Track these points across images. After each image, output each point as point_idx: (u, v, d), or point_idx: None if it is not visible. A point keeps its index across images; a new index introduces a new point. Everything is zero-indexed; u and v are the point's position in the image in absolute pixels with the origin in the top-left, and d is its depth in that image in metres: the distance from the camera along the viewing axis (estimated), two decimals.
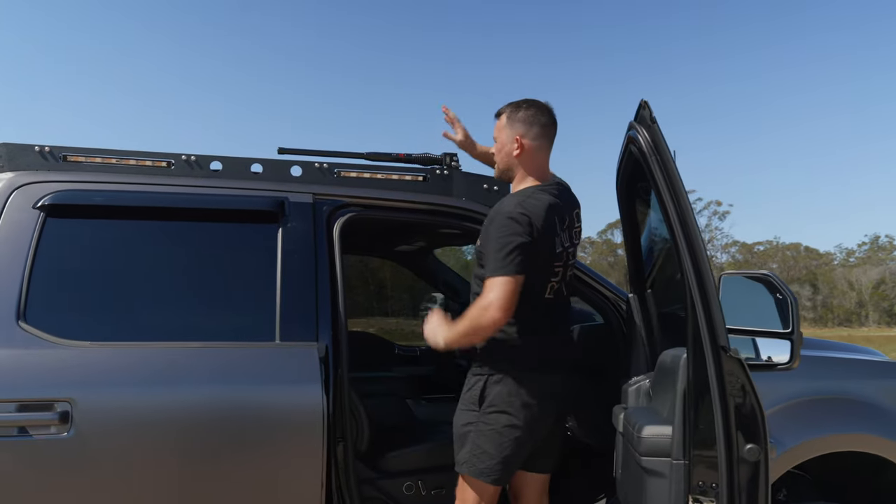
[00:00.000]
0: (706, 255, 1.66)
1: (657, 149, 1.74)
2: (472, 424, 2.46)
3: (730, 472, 1.63)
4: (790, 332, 2.28)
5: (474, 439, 2.44)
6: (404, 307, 5.95)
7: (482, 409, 2.44)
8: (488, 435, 2.41)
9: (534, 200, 2.42)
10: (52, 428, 2.23)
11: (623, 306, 2.96)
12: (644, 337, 2.68)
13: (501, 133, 2.59)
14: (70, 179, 2.57)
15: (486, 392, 2.44)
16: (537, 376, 2.42)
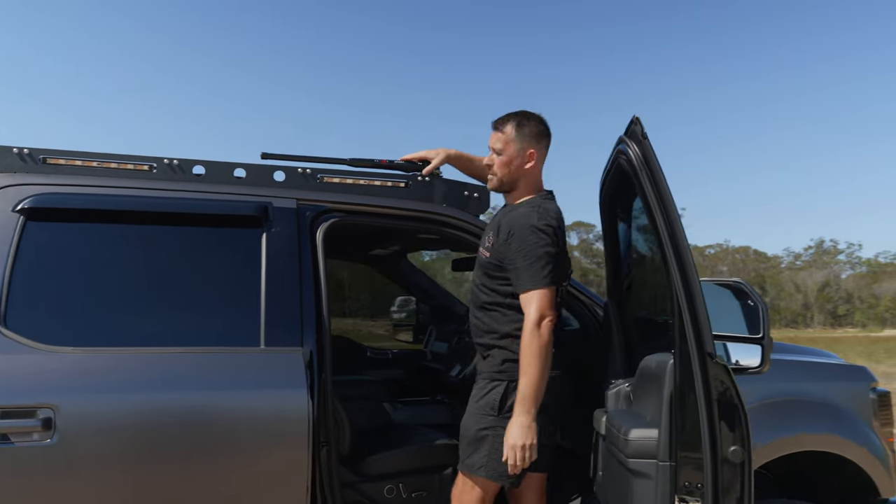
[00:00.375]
0: (694, 266, 1.74)
1: (647, 163, 1.81)
2: (490, 429, 2.47)
3: (714, 473, 1.71)
4: (761, 338, 2.39)
5: (493, 443, 2.46)
6: (362, 307, 5.97)
7: (502, 413, 2.46)
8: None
9: (550, 210, 2.50)
10: (35, 435, 2.20)
11: (599, 311, 3.04)
12: (621, 342, 2.76)
13: (510, 146, 2.60)
14: (50, 182, 2.54)
15: (507, 398, 2.46)
16: (552, 378, 2.46)
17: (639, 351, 2.78)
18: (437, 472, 2.99)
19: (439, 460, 3.01)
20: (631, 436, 1.93)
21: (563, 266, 2.52)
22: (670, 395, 1.85)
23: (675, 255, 1.78)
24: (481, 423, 2.51)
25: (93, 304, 2.50)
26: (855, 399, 3.18)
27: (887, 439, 3.19)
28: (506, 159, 2.61)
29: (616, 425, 2.09)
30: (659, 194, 1.80)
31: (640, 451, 1.91)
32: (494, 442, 2.46)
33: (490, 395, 2.52)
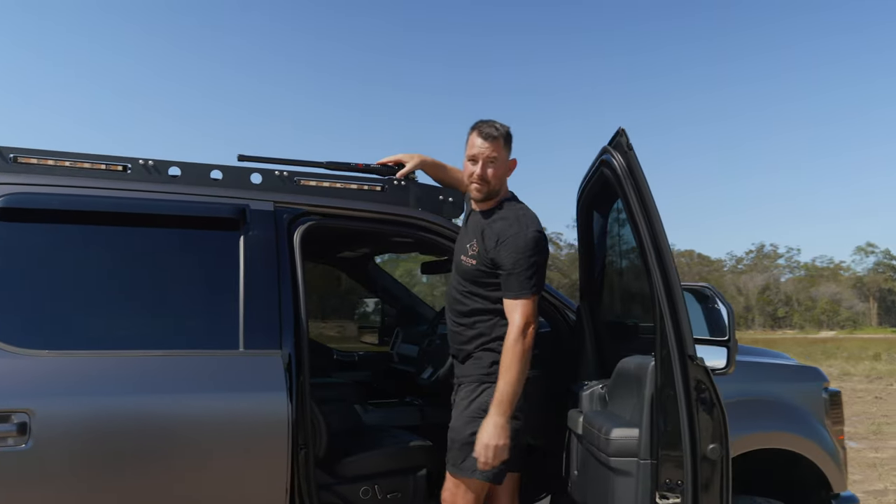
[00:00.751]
0: (676, 273, 1.82)
1: (632, 173, 1.88)
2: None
3: (694, 470, 1.79)
4: (727, 340, 2.49)
5: None
6: (326, 309, 5.96)
7: None
8: None
9: (532, 216, 2.56)
10: (10, 440, 2.16)
11: (568, 314, 3.12)
12: (593, 344, 2.84)
13: (502, 153, 2.63)
14: (21, 182, 2.49)
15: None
16: (536, 379, 2.56)
17: (610, 353, 2.87)
18: (412, 473, 3.02)
19: (414, 462, 3.05)
20: (612, 435, 2.00)
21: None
22: (651, 395, 1.93)
23: (657, 261, 1.86)
24: (474, 427, 2.50)
25: (68, 307, 2.46)
26: (809, 398, 3.31)
27: (838, 437, 3.35)
28: (502, 170, 2.63)
29: (595, 425, 2.16)
30: (643, 203, 1.88)
31: (622, 450, 1.98)
32: None
33: (481, 398, 2.54)
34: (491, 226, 2.58)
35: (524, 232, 2.48)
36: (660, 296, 1.86)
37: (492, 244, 2.53)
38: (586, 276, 2.84)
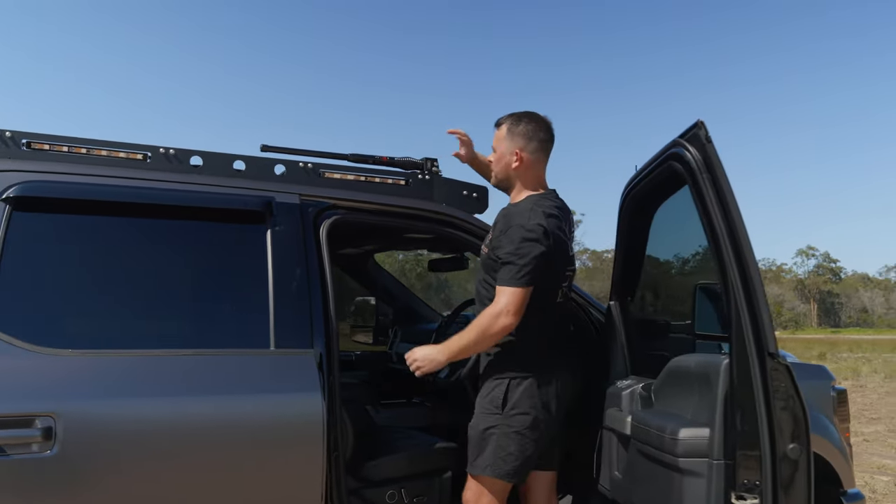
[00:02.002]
0: (757, 270, 1.79)
1: (710, 167, 1.84)
2: (496, 427, 2.48)
3: (773, 470, 1.76)
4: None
5: (498, 441, 2.47)
6: None
7: (505, 411, 2.48)
8: (513, 437, 2.46)
9: (544, 210, 2.49)
10: (34, 446, 2.01)
11: (593, 312, 3.08)
12: (624, 343, 2.80)
13: (501, 144, 2.64)
14: (35, 169, 2.32)
15: (509, 395, 2.48)
16: (555, 376, 2.51)
17: (642, 352, 2.84)
18: (437, 475, 2.94)
19: (439, 464, 2.97)
20: (681, 435, 1.96)
21: (555, 267, 2.50)
22: (725, 394, 1.89)
23: (735, 257, 1.82)
24: (487, 423, 2.51)
25: (92, 303, 2.31)
26: (818, 396, 3.34)
27: (844, 434, 3.39)
28: (497, 156, 2.66)
29: (653, 425, 2.11)
30: (720, 198, 1.84)
31: (692, 451, 1.94)
32: (500, 440, 2.47)
33: (493, 393, 2.53)
34: (506, 216, 2.55)
35: (527, 223, 2.44)
36: (737, 293, 1.82)
37: (498, 233, 2.51)
38: (622, 275, 2.80)
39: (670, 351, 2.99)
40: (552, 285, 2.51)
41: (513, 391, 2.48)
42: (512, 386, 2.49)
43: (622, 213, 2.65)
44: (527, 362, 2.51)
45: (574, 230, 2.68)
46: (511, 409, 2.48)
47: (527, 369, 2.50)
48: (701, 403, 2.03)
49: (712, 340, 2.79)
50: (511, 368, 2.51)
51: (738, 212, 1.80)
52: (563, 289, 2.60)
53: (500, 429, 2.47)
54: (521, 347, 2.49)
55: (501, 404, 2.49)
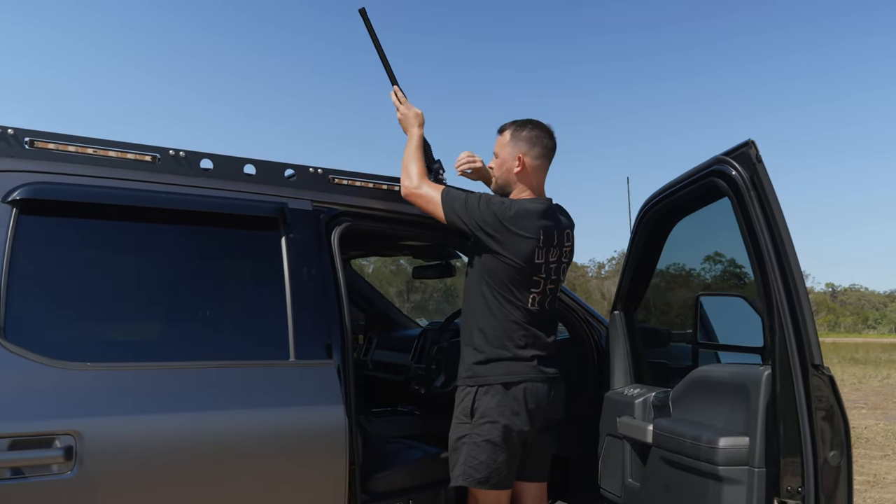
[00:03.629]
0: (804, 286, 1.86)
1: (758, 186, 1.91)
2: (466, 437, 2.52)
3: (816, 477, 1.84)
4: (763, 347, 2.59)
5: (468, 450, 2.51)
6: None
7: (474, 420, 2.51)
8: (482, 445, 2.49)
9: (520, 207, 2.54)
10: (54, 467, 1.88)
11: (590, 319, 3.14)
12: (628, 351, 2.87)
13: (504, 149, 2.68)
14: (41, 170, 2.18)
15: (477, 404, 2.52)
16: (524, 385, 2.53)
17: (644, 360, 2.91)
18: (443, 485, 2.92)
19: (444, 474, 2.93)
20: (721, 444, 2.02)
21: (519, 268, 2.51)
22: (766, 404, 1.96)
23: (780, 273, 1.89)
24: (459, 432, 2.56)
25: (105, 314, 2.19)
26: None
27: None
28: (499, 161, 2.70)
29: (688, 435, 2.17)
30: (766, 216, 1.91)
31: (732, 459, 2.00)
32: (470, 449, 2.50)
33: (464, 402, 2.57)
34: None
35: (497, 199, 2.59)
36: (781, 307, 1.89)
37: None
38: (630, 284, 2.86)
39: (671, 360, 3.08)
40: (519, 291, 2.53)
41: (480, 400, 2.52)
42: (479, 394, 2.52)
43: (640, 226, 2.71)
44: (494, 370, 2.53)
45: (569, 242, 2.67)
46: (479, 419, 2.50)
47: (494, 377, 2.52)
48: (734, 413, 2.10)
49: (713, 350, 2.89)
50: (478, 376, 2.54)
51: (787, 229, 1.88)
52: (536, 296, 2.58)
53: (471, 437, 2.51)
54: (488, 356, 2.53)
55: (470, 413, 2.52)
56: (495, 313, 2.52)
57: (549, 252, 2.55)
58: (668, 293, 3.27)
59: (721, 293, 2.93)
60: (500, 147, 2.70)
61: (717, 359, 2.92)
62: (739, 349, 2.72)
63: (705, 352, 2.90)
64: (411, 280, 20.78)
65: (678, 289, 3.22)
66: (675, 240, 2.77)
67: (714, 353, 2.94)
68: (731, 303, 2.90)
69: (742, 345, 2.71)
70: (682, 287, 3.18)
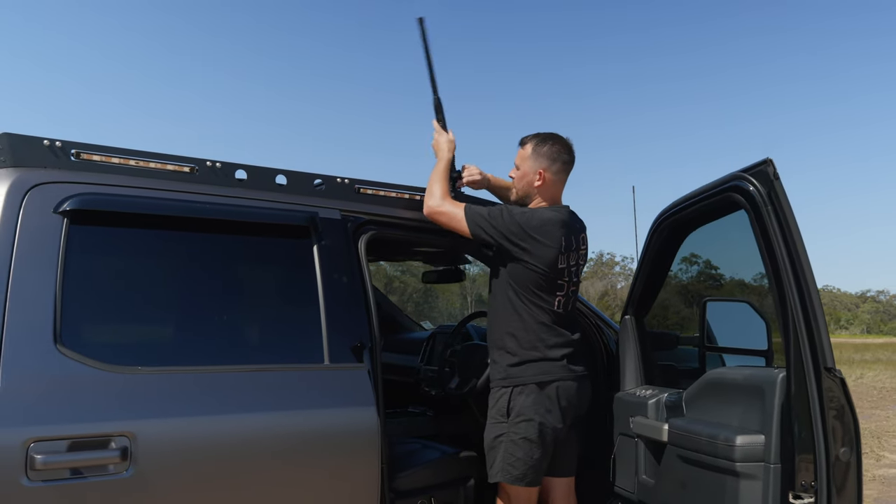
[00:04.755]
0: (818, 295, 2.01)
1: (775, 202, 2.06)
2: (504, 435, 2.64)
3: (828, 472, 1.99)
4: (767, 350, 2.74)
5: (506, 448, 2.63)
6: None
7: (510, 419, 2.64)
8: (519, 443, 2.62)
9: (541, 216, 2.69)
10: (111, 467, 1.97)
11: (600, 324, 3.28)
12: (639, 353, 3.01)
13: (525, 163, 2.81)
14: (88, 181, 2.26)
15: (513, 403, 2.65)
16: (557, 384, 2.67)
17: (653, 362, 3.05)
18: (463, 483, 3.04)
19: (463, 472, 3.07)
20: (738, 442, 2.16)
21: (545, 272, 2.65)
22: (781, 404, 2.11)
23: (795, 283, 2.03)
24: (496, 431, 2.68)
25: (152, 320, 2.28)
26: None
27: None
28: (521, 174, 2.83)
29: (705, 433, 2.30)
30: (782, 230, 2.05)
31: (749, 456, 2.14)
32: (508, 447, 2.63)
33: (499, 403, 2.69)
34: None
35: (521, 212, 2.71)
36: (796, 314, 2.03)
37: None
38: (642, 291, 3.00)
39: (678, 362, 3.23)
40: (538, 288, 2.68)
41: (516, 399, 2.65)
42: (515, 394, 2.66)
43: (655, 235, 2.84)
44: (528, 370, 2.66)
45: (584, 246, 2.82)
46: (516, 417, 2.63)
47: (528, 377, 2.66)
48: (749, 413, 2.24)
49: (720, 353, 3.04)
50: (513, 377, 2.68)
51: (802, 241, 2.02)
52: (561, 299, 2.73)
53: (508, 436, 2.63)
54: (521, 359, 2.67)
55: (507, 412, 2.65)
56: (524, 317, 2.67)
57: (569, 257, 2.70)
58: (680, 298, 3.42)
59: (727, 298, 3.08)
60: (522, 160, 2.83)
61: (721, 361, 3.07)
62: (744, 352, 2.87)
63: (711, 354, 3.05)
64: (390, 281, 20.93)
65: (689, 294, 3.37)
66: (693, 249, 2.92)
67: (719, 356, 3.09)
68: (736, 308, 3.05)
69: (747, 348, 2.86)
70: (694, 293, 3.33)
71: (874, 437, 8.71)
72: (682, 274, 3.38)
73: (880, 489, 6.19)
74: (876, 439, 8.62)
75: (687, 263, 3.26)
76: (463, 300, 24.94)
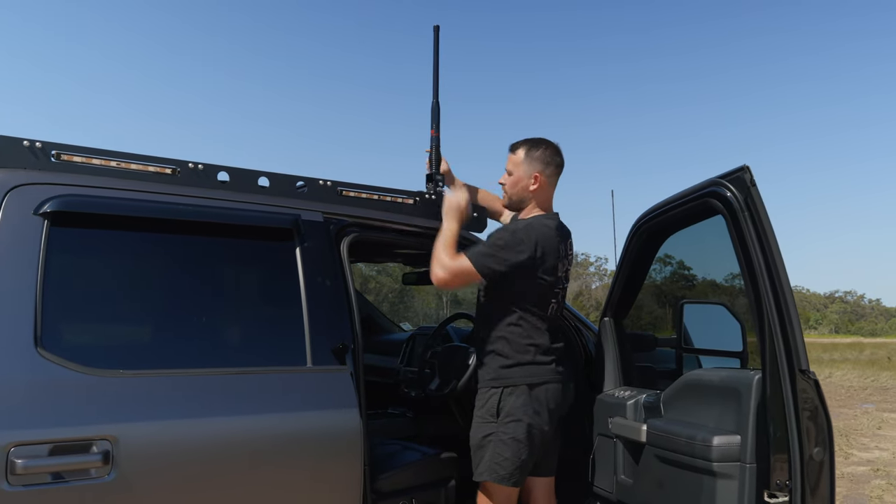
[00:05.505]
0: (793, 300, 2.06)
1: (751, 208, 2.10)
2: (492, 435, 2.67)
3: (802, 471, 2.04)
4: (741, 352, 2.80)
5: (494, 448, 2.66)
6: None
7: (500, 419, 2.67)
8: (508, 443, 2.65)
9: (543, 227, 2.72)
10: (92, 471, 1.96)
11: (580, 327, 3.32)
12: (617, 355, 3.05)
13: (519, 167, 2.84)
14: (68, 182, 2.24)
15: (503, 404, 2.68)
16: (546, 386, 2.71)
17: (632, 363, 3.10)
18: (444, 484, 3.06)
19: (444, 473, 3.08)
20: (715, 442, 2.21)
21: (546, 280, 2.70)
22: (756, 405, 2.16)
23: (771, 287, 2.08)
24: (483, 431, 2.71)
25: (134, 323, 2.27)
26: None
27: None
28: (514, 180, 2.85)
29: (683, 434, 2.35)
30: (759, 236, 2.10)
31: (725, 456, 2.19)
32: (496, 446, 2.66)
33: (489, 403, 2.72)
34: (506, 228, 2.78)
35: (514, 227, 2.70)
36: (771, 318, 2.09)
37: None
38: (621, 293, 3.04)
39: (656, 363, 3.28)
40: (543, 300, 2.72)
41: (506, 399, 2.68)
42: (505, 395, 2.69)
43: (633, 239, 2.89)
44: (518, 372, 2.70)
45: (571, 251, 2.87)
46: (505, 417, 2.67)
47: (519, 379, 2.69)
48: (725, 414, 2.29)
49: (695, 354, 3.10)
50: (504, 378, 2.70)
51: (778, 248, 2.07)
52: (554, 305, 2.79)
53: (496, 436, 2.66)
54: (513, 358, 2.70)
55: (496, 412, 2.68)
56: (521, 323, 2.71)
57: (562, 263, 2.76)
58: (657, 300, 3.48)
59: (703, 301, 3.14)
60: (515, 165, 2.85)
61: (698, 363, 3.13)
62: (720, 354, 2.93)
63: (688, 356, 3.10)
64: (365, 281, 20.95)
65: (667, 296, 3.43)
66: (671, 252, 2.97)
67: (695, 357, 3.15)
68: (712, 310, 3.12)
69: (723, 349, 2.92)
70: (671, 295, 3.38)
71: (842, 436, 8.90)
72: (656, 274, 3.44)
73: (849, 486, 6.33)
74: (844, 437, 8.80)
75: (661, 264, 3.32)
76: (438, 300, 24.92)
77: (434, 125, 3.13)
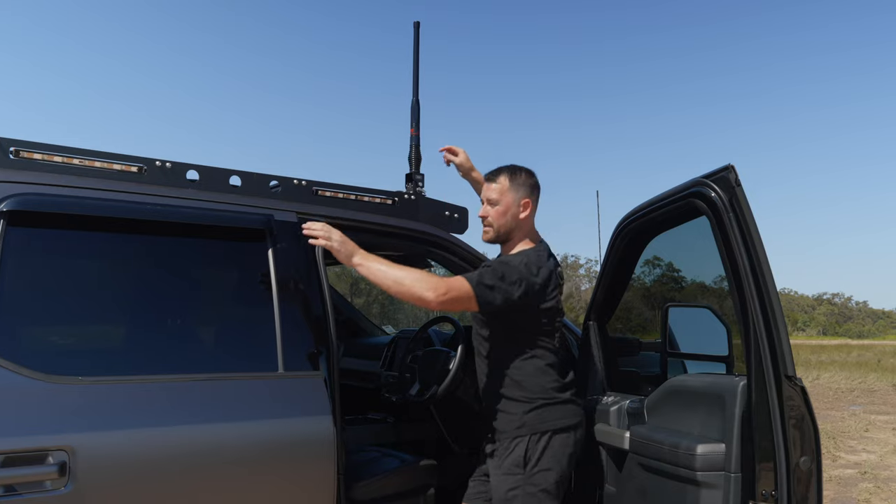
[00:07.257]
0: (779, 303, 1.99)
1: (736, 208, 2.04)
2: (518, 488, 2.45)
3: (788, 480, 1.97)
4: (727, 356, 2.73)
5: (523, 501, 2.44)
6: None
7: (528, 470, 2.46)
8: (537, 496, 2.44)
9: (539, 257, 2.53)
10: (47, 483, 1.87)
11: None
12: (602, 359, 2.98)
13: (505, 195, 2.60)
14: (27, 181, 2.15)
15: (530, 453, 2.47)
16: (574, 431, 2.54)
17: (616, 368, 3.03)
18: (423, 492, 2.98)
19: (423, 481, 3.00)
20: (698, 451, 2.13)
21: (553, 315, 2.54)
22: (742, 413, 2.08)
23: (756, 290, 2.02)
24: (509, 484, 2.47)
25: (96, 328, 2.17)
26: None
27: None
28: (502, 209, 2.61)
29: (667, 442, 2.28)
30: (744, 236, 2.03)
31: (709, 465, 2.12)
32: (525, 499, 2.44)
33: (515, 452, 2.49)
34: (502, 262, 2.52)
35: (529, 260, 2.48)
36: (756, 322, 2.02)
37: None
38: (605, 296, 2.97)
39: (641, 367, 3.21)
40: (553, 336, 2.56)
41: (533, 448, 2.46)
42: (532, 442, 2.47)
43: (616, 241, 2.82)
44: (545, 416, 2.49)
45: (562, 282, 2.67)
46: (533, 468, 2.45)
47: (549, 424, 2.48)
48: (709, 421, 2.22)
49: (680, 358, 3.03)
50: (530, 424, 2.48)
51: (763, 248, 2.01)
52: (558, 335, 2.61)
53: (524, 489, 2.44)
54: (535, 403, 2.49)
55: (523, 463, 2.46)
56: (533, 361, 2.52)
57: (559, 291, 2.58)
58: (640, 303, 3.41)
59: (688, 304, 3.07)
60: (500, 194, 2.60)
61: (683, 367, 3.06)
62: (706, 358, 2.86)
63: (673, 360, 3.03)
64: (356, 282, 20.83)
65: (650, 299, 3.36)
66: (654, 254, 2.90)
67: (681, 362, 3.08)
68: (698, 313, 3.05)
69: (708, 353, 2.85)
70: (653, 297, 3.32)
71: (830, 438, 8.87)
72: (644, 276, 3.37)
73: (836, 489, 6.29)
74: (832, 440, 8.78)
75: (650, 266, 3.25)
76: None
77: (414, 124, 3.05)
